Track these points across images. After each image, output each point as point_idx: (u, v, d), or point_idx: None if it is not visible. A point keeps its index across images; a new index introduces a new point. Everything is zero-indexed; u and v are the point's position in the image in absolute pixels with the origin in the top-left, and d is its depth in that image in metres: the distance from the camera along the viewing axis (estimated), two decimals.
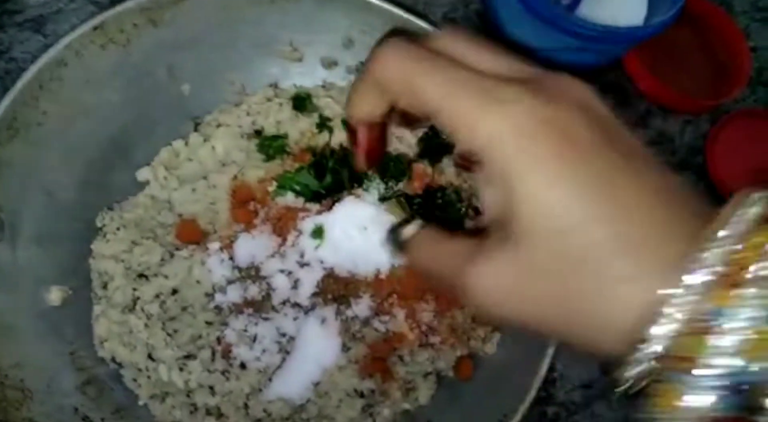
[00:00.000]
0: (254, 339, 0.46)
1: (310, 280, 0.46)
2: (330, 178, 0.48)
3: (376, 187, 0.49)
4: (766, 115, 0.77)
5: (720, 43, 0.80)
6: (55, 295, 0.45)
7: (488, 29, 0.72)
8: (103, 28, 0.45)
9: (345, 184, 0.48)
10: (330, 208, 0.47)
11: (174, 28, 0.49)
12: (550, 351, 0.45)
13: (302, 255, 0.46)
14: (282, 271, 0.46)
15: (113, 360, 0.46)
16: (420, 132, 0.55)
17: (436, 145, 0.54)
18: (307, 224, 0.46)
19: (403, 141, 0.54)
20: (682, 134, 0.77)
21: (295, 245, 0.46)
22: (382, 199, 0.48)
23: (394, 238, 0.32)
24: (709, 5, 0.79)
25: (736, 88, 0.75)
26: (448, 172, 0.54)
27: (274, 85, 0.57)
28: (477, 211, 0.56)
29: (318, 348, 0.46)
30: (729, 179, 0.74)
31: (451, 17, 0.73)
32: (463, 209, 0.52)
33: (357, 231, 0.45)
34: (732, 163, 0.75)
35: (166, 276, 0.45)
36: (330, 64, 0.57)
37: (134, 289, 0.46)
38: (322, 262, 0.46)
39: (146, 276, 0.46)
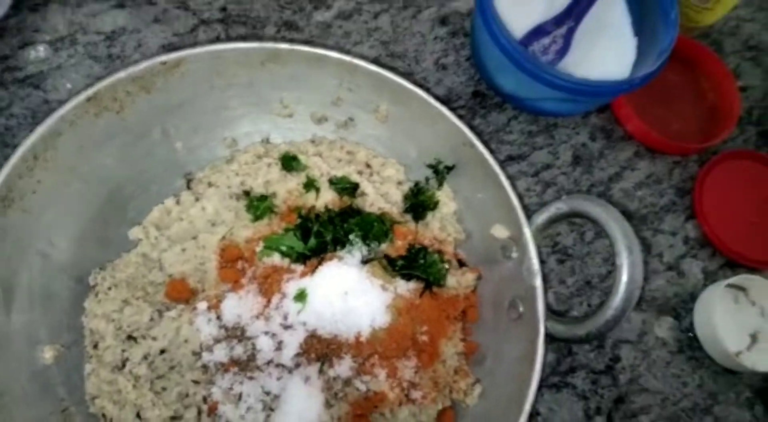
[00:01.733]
0: (239, 397, 0.47)
1: (293, 342, 0.47)
2: (314, 240, 0.49)
3: (358, 249, 0.50)
4: (753, 157, 0.78)
5: (709, 84, 0.81)
6: (48, 354, 0.47)
7: (479, 75, 0.74)
8: (97, 98, 0.47)
9: (329, 246, 0.50)
10: (314, 269, 0.49)
11: (166, 93, 0.51)
12: (529, 403, 0.46)
13: (286, 318, 0.48)
14: (266, 333, 0.48)
15: (104, 416, 0.48)
16: (405, 188, 0.57)
17: (421, 201, 0.56)
18: (291, 287, 0.48)
19: (389, 198, 0.55)
20: (671, 175, 0.78)
21: (279, 307, 0.48)
22: (365, 262, 0.50)
23: None
24: (699, 46, 0.79)
25: (725, 130, 0.76)
26: (431, 227, 0.56)
27: (266, 140, 0.59)
28: (461, 263, 0.57)
29: (302, 405, 0.47)
30: (717, 221, 0.74)
31: (442, 63, 0.75)
32: (445, 268, 0.53)
33: (338, 297, 0.47)
34: (720, 205, 0.75)
35: (154, 338, 0.47)
36: (320, 119, 0.59)
37: (123, 351, 0.47)
38: (304, 324, 0.48)
39: (135, 339, 0.48)
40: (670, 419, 0.66)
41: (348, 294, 0.47)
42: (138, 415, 0.47)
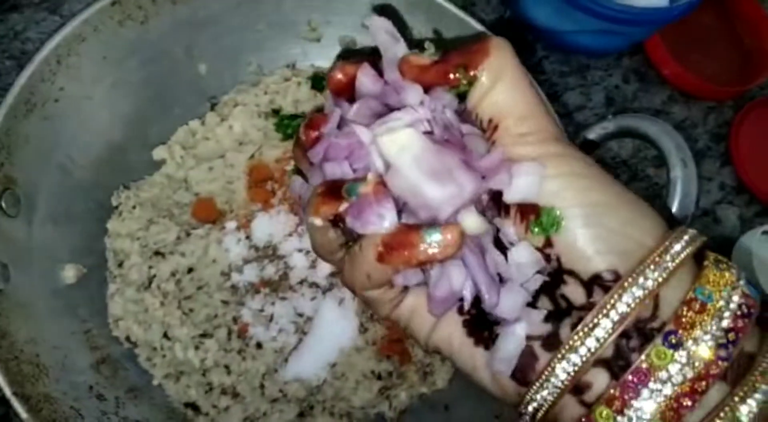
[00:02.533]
0: (270, 318, 0.45)
1: None
2: None
3: None
4: None
5: (746, 27, 0.78)
6: (69, 273, 0.45)
7: (510, 12, 0.71)
8: (122, 4, 0.45)
9: None
10: None
11: (192, 6, 0.49)
12: None
13: None
14: (300, 250, 0.45)
15: (128, 339, 0.46)
16: None
17: None
18: None
19: None
20: (705, 121, 0.75)
21: None
22: None
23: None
24: None
25: (761, 75, 0.73)
26: None
27: (292, 66, 0.56)
28: None
29: (335, 328, 0.45)
30: (752, 167, 0.72)
31: (471, 1, 0.72)
32: None
33: None
34: (756, 151, 0.73)
35: (182, 254, 0.45)
36: (349, 44, 0.56)
37: (150, 267, 0.45)
38: None
39: (162, 254, 0.45)
40: None
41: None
42: (165, 335, 0.44)
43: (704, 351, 0.23)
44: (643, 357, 0.23)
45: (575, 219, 0.25)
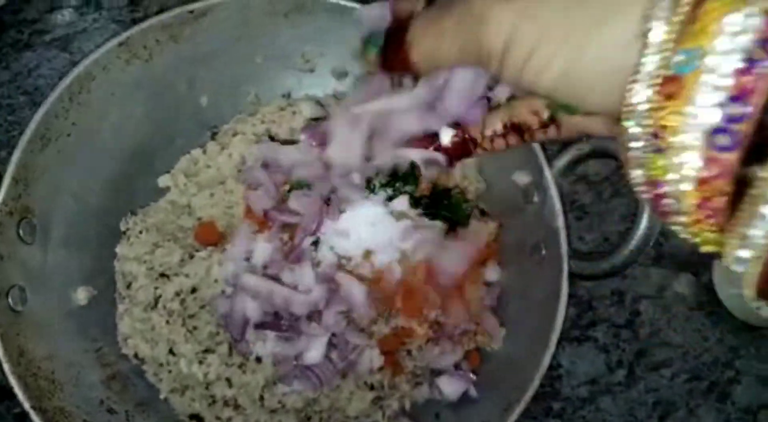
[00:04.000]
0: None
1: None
2: None
3: (384, 190, 0.51)
4: None
5: None
6: (81, 295, 0.48)
7: None
8: (128, 44, 0.49)
9: None
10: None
11: (194, 44, 0.52)
12: (552, 345, 0.47)
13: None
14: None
15: (136, 356, 0.49)
16: None
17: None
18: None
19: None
20: None
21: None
22: (390, 198, 0.51)
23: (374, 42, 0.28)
24: None
25: None
26: (453, 175, 0.56)
27: (287, 95, 0.60)
28: (483, 213, 0.58)
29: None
30: None
31: None
32: (469, 209, 0.54)
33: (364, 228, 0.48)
34: None
35: (186, 275, 0.48)
36: (340, 74, 0.60)
37: (156, 288, 0.48)
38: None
39: (167, 276, 0.49)
40: (692, 372, 0.67)
41: (373, 226, 0.48)
42: (171, 351, 0.48)
43: None
44: None
45: None
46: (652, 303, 0.69)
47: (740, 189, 0.21)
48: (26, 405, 0.40)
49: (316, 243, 0.49)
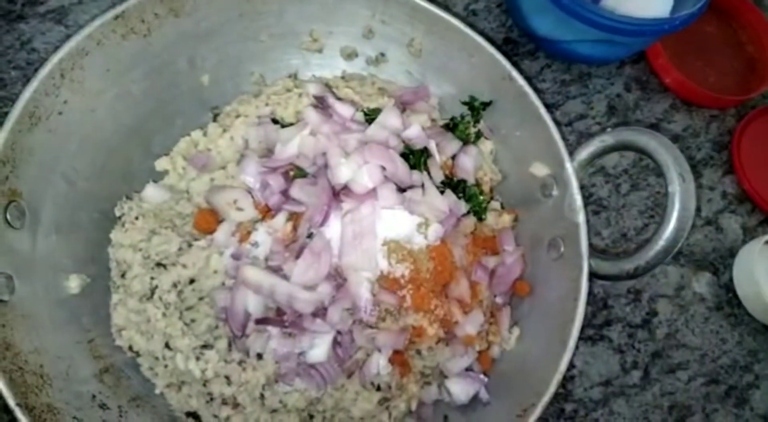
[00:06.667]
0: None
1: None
2: None
3: None
4: None
5: (748, 36, 0.78)
6: (74, 283, 0.46)
7: (511, 20, 0.72)
8: (124, 18, 0.45)
9: None
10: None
11: (195, 19, 0.49)
12: (571, 346, 0.44)
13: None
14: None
15: (130, 348, 0.46)
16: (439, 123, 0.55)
17: (456, 136, 0.54)
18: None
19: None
20: (707, 130, 0.75)
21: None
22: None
23: None
24: None
25: (764, 83, 0.73)
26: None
27: (293, 76, 0.57)
28: (502, 207, 0.55)
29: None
30: (755, 176, 0.72)
31: (472, 9, 0.72)
32: (486, 200, 0.52)
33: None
34: (758, 160, 0.73)
35: (184, 266, 0.45)
36: (350, 54, 0.57)
37: (152, 278, 0.46)
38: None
39: (164, 265, 0.46)
40: (709, 375, 0.64)
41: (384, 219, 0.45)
42: (167, 345, 0.45)
43: None
44: None
45: None
46: (670, 303, 0.66)
47: None
48: (11, 403, 0.37)
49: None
